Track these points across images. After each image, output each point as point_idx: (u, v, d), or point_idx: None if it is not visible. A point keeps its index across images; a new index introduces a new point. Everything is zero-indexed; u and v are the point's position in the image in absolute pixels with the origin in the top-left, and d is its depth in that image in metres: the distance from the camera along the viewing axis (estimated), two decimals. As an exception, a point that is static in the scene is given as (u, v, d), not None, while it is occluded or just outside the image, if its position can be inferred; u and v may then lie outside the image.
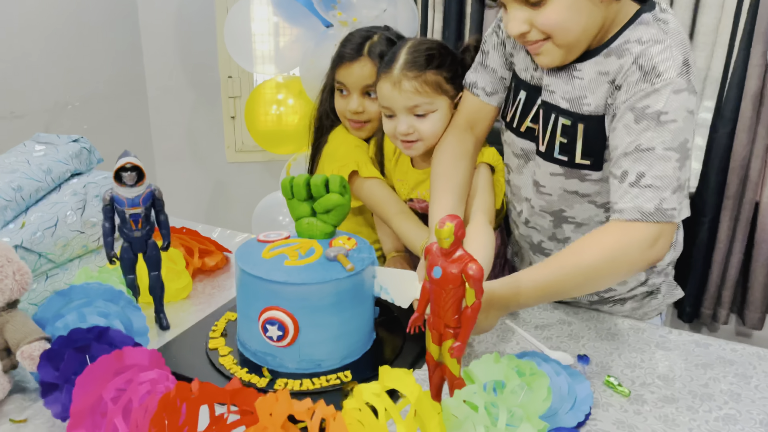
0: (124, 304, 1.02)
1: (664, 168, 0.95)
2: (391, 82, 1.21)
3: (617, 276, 1.01)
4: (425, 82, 1.20)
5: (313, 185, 1.04)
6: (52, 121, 2.02)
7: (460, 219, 0.79)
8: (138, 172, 1.02)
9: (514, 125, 1.18)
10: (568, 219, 1.17)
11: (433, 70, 1.21)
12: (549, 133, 1.10)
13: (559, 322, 1.17)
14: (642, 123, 0.96)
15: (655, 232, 0.96)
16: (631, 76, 0.98)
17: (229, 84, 2.48)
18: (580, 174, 1.10)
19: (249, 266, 0.97)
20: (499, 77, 1.21)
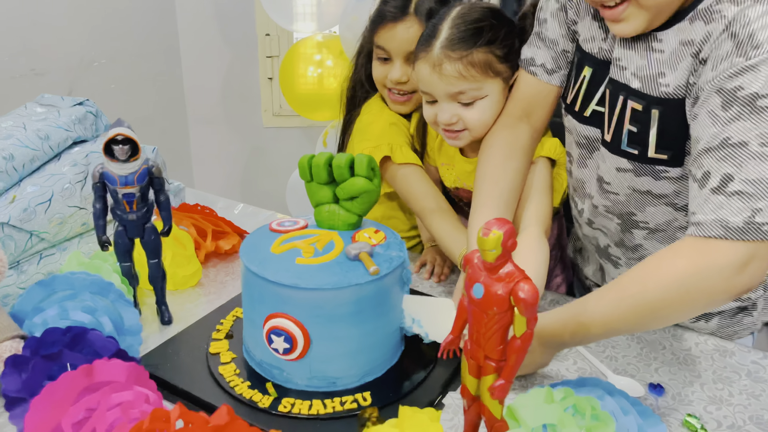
0: (115, 298, 0.89)
1: (760, 169, 0.72)
2: (431, 63, 0.99)
3: (693, 310, 0.78)
4: (471, 64, 0.98)
5: (336, 167, 0.87)
6: (76, 80, 1.90)
7: (511, 225, 0.60)
8: (132, 146, 0.87)
9: (576, 108, 0.96)
10: (639, 224, 0.96)
11: (483, 48, 0.98)
12: (616, 119, 0.89)
13: (627, 337, 0.97)
14: (732, 109, 0.74)
15: (744, 255, 0.72)
16: (720, 48, 0.76)
17: (267, 42, 2.31)
18: (655, 171, 0.88)
19: (253, 263, 0.81)
20: (561, 50, 0.98)
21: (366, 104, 1.23)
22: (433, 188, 1.15)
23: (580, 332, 0.78)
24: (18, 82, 1.75)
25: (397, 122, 1.19)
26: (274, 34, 2.30)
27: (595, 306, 0.78)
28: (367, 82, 1.22)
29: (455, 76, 0.98)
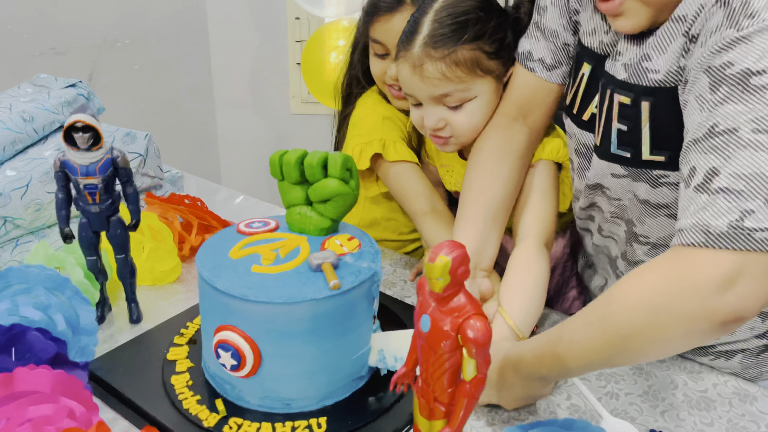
0: (71, 295, 0.83)
1: (752, 161, 0.57)
2: (411, 63, 0.88)
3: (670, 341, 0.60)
4: (456, 63, 0.87)
5: (308, 165, 0.79)
6: (98, 60, 1.88)
7: (464, 250, 0.51)
8: (93, 134, 0.82)
9: (574, 111, 0.84)
10: (639, 237, 0.84)
11: (469, 44, 0.87)
12: (604, 118, 0.77)
13: (634, 371, 0.86)
14: (720, 90, 0.60)
15: (727, 269, 0.56)
16: (710, 20, 0.63)
17: (297, 26, 2.24)
18: (652, 176, 0.76)
19: (206, 268, 0.74)
20: (562, 43, 0.87)
21: (360, 98, 1.14)
22: (428, 188, 1.06)
23: (557, 366, 0.66)
24: (37, 60, 1.74)
25: (392, 116, 1.10)
26: (304, 18, 2.22)
27: (569, 334, 0.66)
28: (364, 78, 1.13)
29: (438, 77, 0.88)
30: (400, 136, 1.09)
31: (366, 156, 1.07)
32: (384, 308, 0.92)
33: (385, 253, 1.15)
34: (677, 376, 0.86)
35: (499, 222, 0.89)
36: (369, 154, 1.07)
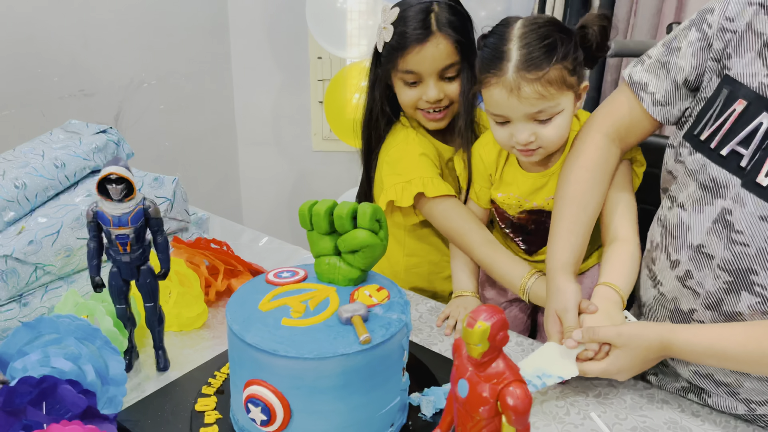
0: (101, 345, 0.83)
1: None
2: (507, 87, 0.95)
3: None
4: (549, 82, 0.95)
5: (337, 216, 0.79)
6: (125, 101, 1.92)
7: (502, 315, 0.50)
8: (126, 185, 0.83)
9: (712, 145, 0.85)
10: (754, 286, 0.83)
11: (557, 65, 0.94)
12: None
13: (667, 425, 0.84)
14: None
15: None
16: None
17: (319, 65, 2.28)
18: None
19: (236, 321, 0.74)
20: (678, 83, 0.90)
21: (390, 135, 1.17)
22: (477, 220, 1.13)
23: (708, 363, 0.82)
24: (66, 102, 1.78)
25: (426, 152, 1.14)
26: (326, 58, 2.26)
27: (732, 341, 0.80)
28: (391, 111, 1.16)
29: (535, 97, 0.95)
30: (436, 172, 1.14)
31: (409, 195, 1.12)
32: (411, 357, 0.91)
33: (411, 297, 1.15)
34: (714, 430, 0.83)
35: (589, 235, 0.99)
36: (412, 193, 1.11)
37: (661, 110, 0.93)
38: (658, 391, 0.90)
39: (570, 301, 0.89)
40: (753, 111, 0.80)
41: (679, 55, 0.89)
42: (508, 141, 1.01)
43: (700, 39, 0.87)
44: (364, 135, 1.22)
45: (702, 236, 0.86)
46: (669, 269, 0.93)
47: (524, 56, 0.94)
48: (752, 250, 0.81)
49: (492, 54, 0.98)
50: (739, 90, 0.82)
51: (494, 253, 1.08)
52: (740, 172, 0.81)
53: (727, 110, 0.83)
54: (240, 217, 2.50)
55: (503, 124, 1.00)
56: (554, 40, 0.95)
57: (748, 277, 0.82)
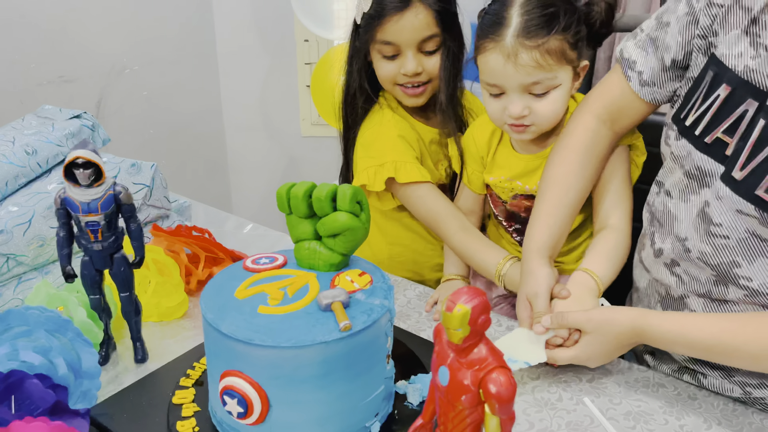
0: (72, 337, 0.80)
1: None
2: (504, 53, 0.91)
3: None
4: (548, 52, 0.91)
5: (316, 199, 0.76)
6: (108, 87, 1.87)
7: (484, 298, 0.47)
8: (95, 170, 0.79)
9: (696, 132, 0.81)
10: (738, 279, 0.79)
11: (558, 35, 0.91)
12: (763, 158, 0.73)
13: (663, 409, 0.81)
14: None
15: None
16: None
17: (306, 48, 2.23)
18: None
19: (211, 310, 0.71)
20: (666, 64, 0.86)
21: (368, 116, 1.13)
22: (453, 207, 1.09)
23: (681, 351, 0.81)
24: (45, 88, 1.73)
25: (404, 134, 1.10)
26: (313, 40, 2.21)
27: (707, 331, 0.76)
28: (369, 86, 1.12)
29: (532, 65, 0.91)
30: (412, 155, 1.09)
31: (381, 179, 1.08)
32: (398, 344, 0.88)
33: (399, 282, 1.11)
34: (710, 413, 0.81)
35: (572, 219, 0.96)
36: (383, 177, 1.07)
37: (650, 91, 0.88)
38: (654, 373, 0.87)
39: (541, 285, 0.86)
40: (738, 97, 0.76)
41: (668, 31, 0.85)
42: (501, 115, 0.97)
43: (687, 14, 0.82)
44: (342, 114, 1.18)
45: (687, 228, 0.83)
46: (653, 257, 0.90)
47: (524, 23, 0.91)
48: (732, 242, 0.78)
49: (492, 20, 0.94)
50: (724, 73, 0.77)
51: (470, 239, 1.04)
52: (725, 162, 0.77)
53: (712, 95, 0.78)
54: (229, 204, 2.46)
55: (497, 96, 0.96)
56: (557, 10, 0.92)
57: (732, 270, 0.79)
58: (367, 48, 1.10)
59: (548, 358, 0.82)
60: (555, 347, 0.83)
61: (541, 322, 0.82)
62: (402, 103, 1.14)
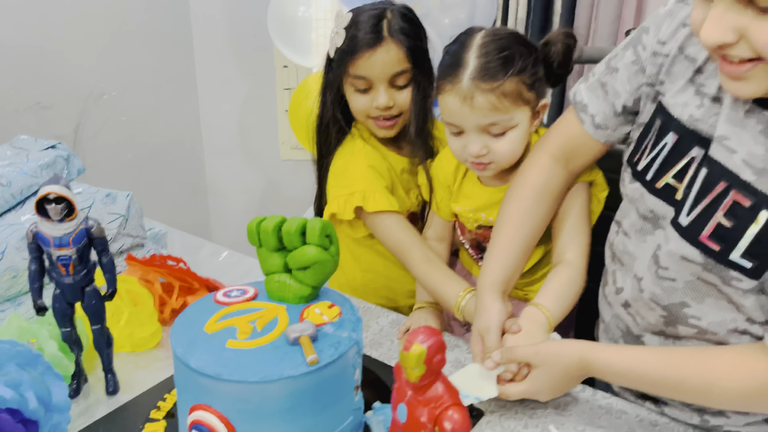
0: (43, 370, 0.80)
1: None
2: (460, 96, 0.94)
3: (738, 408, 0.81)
4: (504, 95, 0.93)
5: (285, 233, 0.77)
6: (85, 113, 1.88)
7: (440, 338, 0.49)
8: (67, 204, 0.80)
9: (647, 177, 0.84)
10: (688, 319, 0.82)
11: (514, 77, 0.93)
12: (706, 205, 0.76)
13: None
14: None
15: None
16: None
17: (285, 74, 2.26)
18: (726, 275, 0.75)
19: (180, 344, 0.72)
20: (617, 110, 0.89)
21: (341, 146, 1.16)
22: (419, 237, 1.11)
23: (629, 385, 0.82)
24: (22, 115, 1.73)
25: (375, 164, 1.13)
26: (292, 66, 2.24)
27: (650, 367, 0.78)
28: (343, 118, 1.16)
29: (488, 107, 0.93)
30: (383, 185, 1.12)
31: (350, 207, 1.10)
32: (369, 373, 0.89)
33: (372, 310, 1.13)
34: (673, 440, 0.83)
35: (527, 255, 0.97)
36: (353, 206, 1.10)
37: (603, 133, 0.91)
38: (617, 400, 0.89)
39: (493, 320, 0.87)
40: (685, 145, 0.79)
41: (617, 78, 0.88)
42: (462, 152, 1.00)
43: (634, 62, 0.86)
44: (316, 142, 1.20)
45: (643, 269, 0.85)
46: (614, 294, 0.93)
47: (481, 65, 0.93)
48: (679, 285, 0.81)
49: (450, 61, 0.97)
50: (670, 122, 0.81)
51: (432, 270, 1.05)
52: (676, 207, 0.80)
53: (661, 141, 0.81)
54: (208, 228, 2.46)
55: (457, 135, 0.99)
56: (513, 53, 0.94)
57: (681, 310, 0.82)
58: (340, 81, 1.12)
59: (500, 393, 0.83)
60: (506, 382, 0.84)
61: (492, 357, 0.83)
62: (374, 133, 1.16)
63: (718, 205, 0.74)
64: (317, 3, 1.79)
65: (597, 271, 1.03)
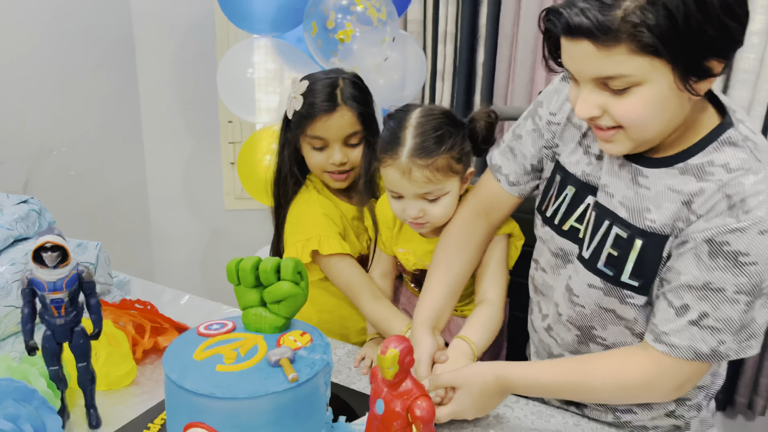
0: (38, 405, 0.88)
1: (729, 311, 0.85)
2: (400, 170, 1.09)
3: (628, 402, 0.96)
4: (437, 169, 1.09)
5: (262, 271, 0.89)
6: (35, 168, 1.93)
7: (409, 343, 0.63)
8: (61, 252, 0.89)
9: (555, 222, 1.03)
10: (597, 339, 1.00)
11: (444, 154, 1.08)
12: (598, 240, 0.95)
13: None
14: (717, 260, 0.83)
15: (695, 372, 0.89)
16: (716, 207, 0.83)
17: (229, 129, 2.38)
18: (622, 294, 0.93)
19: (173, 370, 0.81)
20: (527, 168, 1.08)
21: (297, 196, 1.30)
22: (368, 278, 1.25)
23: (537, 393, 0.96)
24: (-28, 172, 1.77)
25: (328, 212, 1.26)
26: (237, 122, 2.37)
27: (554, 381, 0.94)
28: (299, 172, 1.30)
29: (423, 180, 1.08)
30: (335, 231, 1.25)
31: (307, 251, 1.22)
32: (333, 396, 1.01)
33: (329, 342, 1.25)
34: (593, 437, 0.99)
35: (457, 295, 1.13)
36: (309, 250, 1.22)
37: (516, 189, 1.10)
38: (546, 407, 1.05)
39: (423, 353, 1.02)
40: (581, 195, 0.99)
41: (522, 143, 1.08)
42: (402, 214, 1.15)
43: (534, 130, 1.06)
44: (274, 193, 1.33)
45: (559, 297, 1.04)
46: (540, 320, 1.10)
47: (417, 144, 1.08)
48: (587, 311, 0.99)
49: (390, 137, 1.11)
50: (568, 177, 1.00)
51: (379, 308, 1.20)
52: (580, 244, 0.99)
53: (562, 194, 1.01)
54: (152, 278, 2.50)
55: (397, 198, 1.14)
56: (445, 132, 1.09)
57: (591, 332, 1.00)
58: (297, 139, 1.26)
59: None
60: (437, 406, 0.95)
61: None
62: (328, 185, 1.31)
63: (606, 239, 0.93)
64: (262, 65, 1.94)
65: (524, 302, 1.20)
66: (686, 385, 0.89)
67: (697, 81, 0.78)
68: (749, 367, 1.83)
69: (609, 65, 0.78)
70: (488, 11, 1.96)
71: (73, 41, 2.04)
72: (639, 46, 0.75)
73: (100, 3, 2.12)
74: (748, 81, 1.67)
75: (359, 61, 1.79)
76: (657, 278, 0.90)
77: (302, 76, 1.29)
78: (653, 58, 0.76)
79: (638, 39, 0.75)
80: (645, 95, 0.79)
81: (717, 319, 0.84)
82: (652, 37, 0.74)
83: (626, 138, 0.85)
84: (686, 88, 0.78)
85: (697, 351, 0.86)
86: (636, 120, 0.81)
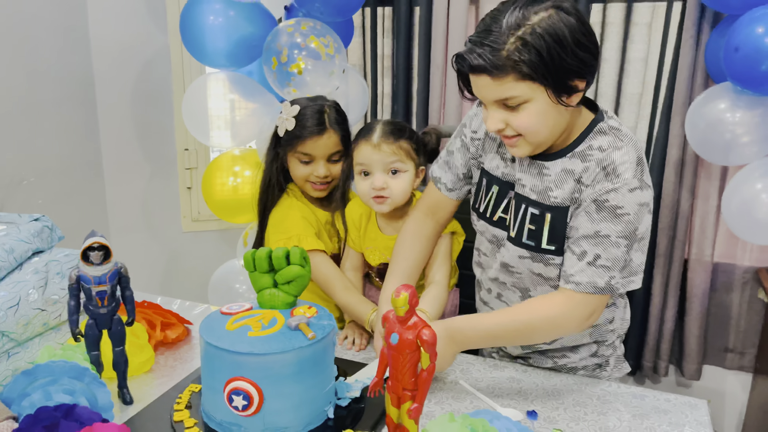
0: (89, 381, 1.04)
1: (615, 252, 1.12)
2: (372, 145, 1.38)
3: (554, 335, 1.20)
4: (400, 147, 1.38)
5: (275, 258, 1.10)
6: (7, 198, 2.03)
7: (414, 289, 0.86)
8: (105, 251, 1.07)
9: (487, 215, 1.31)
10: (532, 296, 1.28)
11: (405, 140, 1.39)
12: (519, 220, 1.23)
13: (509, 380, 1.24)
14: (602, 213, 1.12)
15: (598, 304, 1.15)
16: (596, 176, 1.13)
17: (186, 156, 2.54)
18: (545, 258, 1.21)
19: (214, 339, 1.01)
20: (461, 176, 1.36)
21: (279, 203, 1.52)
22: (338, 271, 1.48)
23: (484, 341, 1.20)
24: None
25: (305, 216, 1.50)
26: (193, 149, 2.53)
27: (497, 324, 1.18)
28: (284, 182, 1.54)
29: (390, 152, 1.37)
30: (312, 231, 1.48)
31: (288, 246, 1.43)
32: (329, 363, 1.22)
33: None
34: (536, 378, 1.25)
35: (413, 279, 1.38)
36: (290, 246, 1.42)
37: (454, 193, 1.39)
38: (499, 361, 1.31)
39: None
40: (503, 191, 1.27)
41: (454, 157, 1.36)
42: (368, 190, 1.40)
43: (462, 145, 1.35)
44: (261, 200, 1.55)
45: (496, 272, 1.31)
46: (487, 294, 1.37)
47: (385, 130, 1.39)
48: (524, 277, 1.27)
49: (364, 130, 1.42)
50: (492, 179, 1.29)
51: (350, 297, 1.44)
52: (507, 230, 1.27)
53: (489, 192, 1.30)
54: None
55: (366, 176, 1.40)
56: (405, 128, 1.42)
57: (527, 293, 1.28)
58: (285, 154, 1.49)
59: None
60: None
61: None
62: (306, 193, 1.53)
63: (525, 219, 1.21)
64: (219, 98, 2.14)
65: (470, 291, 1.49)
66: (594, 315, 1.15)
67: (567, 96, 1.08)
68: (651, 336, 2.18)
69: (503, 90, 1.07)
70: (419, 43, 2.25)
71: (38, 78, 2.16)
72: (521, 75, 1.05)
73: (62, 41, 2.26)
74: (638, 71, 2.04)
75: (311, 90, 2.02)
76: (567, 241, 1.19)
77: (292, 100, 1.52)
78: (532, 83, 1.05)
79: (519, 70, 1.04)
80: (533, 110, 1.08)
81: (606, 259, 1.11)
82: (528, 69, 1.04)
83: (525, 143, 1.14)
84: (560, 102, 1.08)
85: (596, 285, 1.12)
86: (529, 128, 1.11)
